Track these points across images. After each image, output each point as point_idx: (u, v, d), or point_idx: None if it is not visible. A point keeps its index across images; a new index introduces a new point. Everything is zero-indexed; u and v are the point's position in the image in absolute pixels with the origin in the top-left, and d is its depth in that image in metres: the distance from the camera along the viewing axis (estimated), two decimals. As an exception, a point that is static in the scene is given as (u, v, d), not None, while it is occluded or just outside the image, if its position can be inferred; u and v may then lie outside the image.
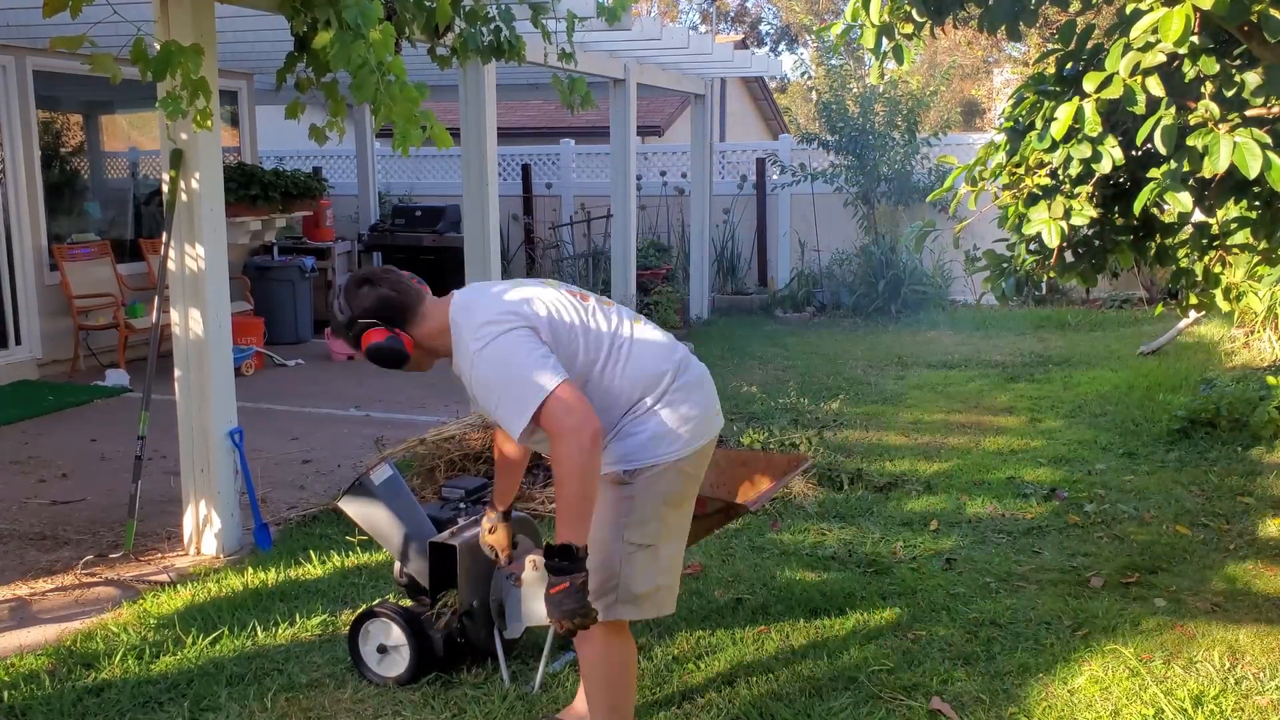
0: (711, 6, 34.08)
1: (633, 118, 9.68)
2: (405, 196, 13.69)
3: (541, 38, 5.23)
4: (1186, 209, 3.25)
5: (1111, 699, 3.43)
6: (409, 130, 3.80)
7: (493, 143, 6.70)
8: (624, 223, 9.68)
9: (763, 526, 5.00)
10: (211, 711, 3.40)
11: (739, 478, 3.84)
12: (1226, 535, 4.87)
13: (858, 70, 12.39)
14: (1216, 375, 7.47)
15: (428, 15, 4.37)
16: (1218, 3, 2.74)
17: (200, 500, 4.76)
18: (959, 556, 4.64)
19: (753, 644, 3.81)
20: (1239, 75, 3.23)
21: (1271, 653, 3.73)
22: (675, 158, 13.24)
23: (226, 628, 3.94)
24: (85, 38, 3.67)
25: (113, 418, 7.20)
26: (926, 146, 11.96)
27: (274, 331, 9.73)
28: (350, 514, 3.68)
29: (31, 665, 3.69)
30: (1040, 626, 3.94)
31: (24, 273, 8.40)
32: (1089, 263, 3.91)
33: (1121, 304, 11.90)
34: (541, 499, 5.18)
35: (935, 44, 22.33)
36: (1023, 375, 8.47)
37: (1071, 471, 5.88)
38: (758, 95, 21.13)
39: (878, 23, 3.72)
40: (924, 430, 6.83)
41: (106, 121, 9.84)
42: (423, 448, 5.55)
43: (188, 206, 4.59)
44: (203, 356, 4.66)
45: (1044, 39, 17.58)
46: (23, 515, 5.29)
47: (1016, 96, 3.85)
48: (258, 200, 9.79)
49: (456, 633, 3.53)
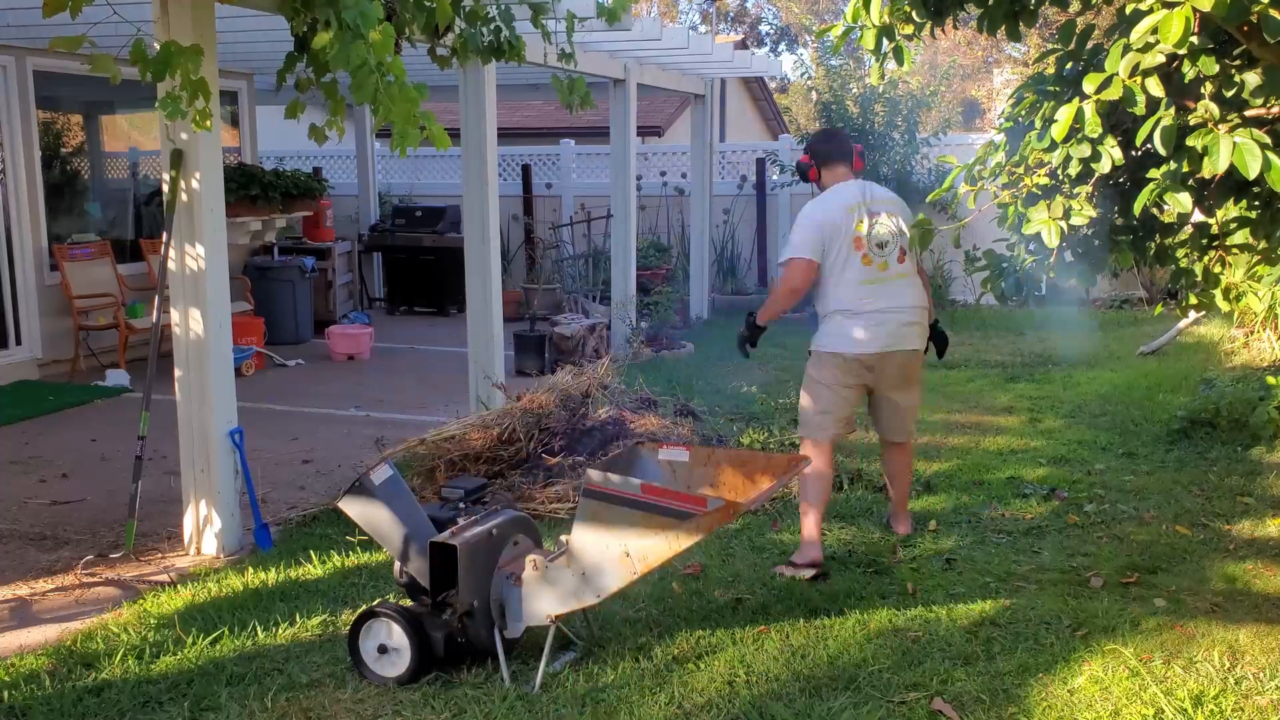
0: (711, 7, 34.07)
1: (633, 118, 9.67)
2: (405, 197, 13.69)
3: (541, 38, 5.23)
4: (1186, 209, 3.24)
5: (1111, 699, 3.43)
6: (408, 131, 3.80)
7: (493, 143, 6.70)
8: (624, 223, 9.68)
9: (763, 526, 5.01)
10: (212, 711, 3.40)
11: (739, 478, 3.84)
12: (1226, 535, 4.88)
13: (858, 71, 12.38)
14: (1216, 375, 7.47)
15: (428, 15, 4.37)
16: (1218, 3, 2.73)
17: (200, 500, 4.76)
18: (959, 556, 4.64)
19: (753, 644, 3.82)
20: (1239, 75, 3.23)
21: (1271, 653, 3.73)
22: (675, 158, 13.24)
23: (227, 628, 3.94)
24: (85, 38, 3.67)
25: (113, 418, 7.20)
26: (926, 147, 11.96)
27: (274, 332, 9.74)
28: (350, 514, 3.68)
29: (32, 665, 3.69)
30: (1040, 626, 3.94)
31: (24, 273, 8.41)
32: (1089, 263, 3.91)
33: (1121, 304, 11.91)
34: (542, 499, 5.18)
35: (935, 44, 22.35)
36: (1023, 375, 8.48)
37: (1071, 471, 5.88)
38: (758, 95, 21.13)
39: (878, 24, 3.72)
40: (924, 430, 6.82)
41: (107, 122, 9.84)
42: (423, 448, 5.55)
43: (188, 206, 4.60)
44: (203, 356, 4.67)
45: (1044, 39, 17.58)
46: (23, 515, 5.29)
47: (1016, 96, 3.84)
48: (258, 200, 9.80)
49: (457, 632, 3.53)
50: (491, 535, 3.58)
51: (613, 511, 3.38)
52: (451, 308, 11.55)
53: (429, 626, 3.53)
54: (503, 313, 6.93)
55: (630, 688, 3.49)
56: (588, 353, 8.92)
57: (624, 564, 3.40)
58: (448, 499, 3.81)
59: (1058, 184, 3.53)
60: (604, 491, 3.39)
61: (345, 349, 9.40)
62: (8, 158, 8.21)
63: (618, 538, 3.39)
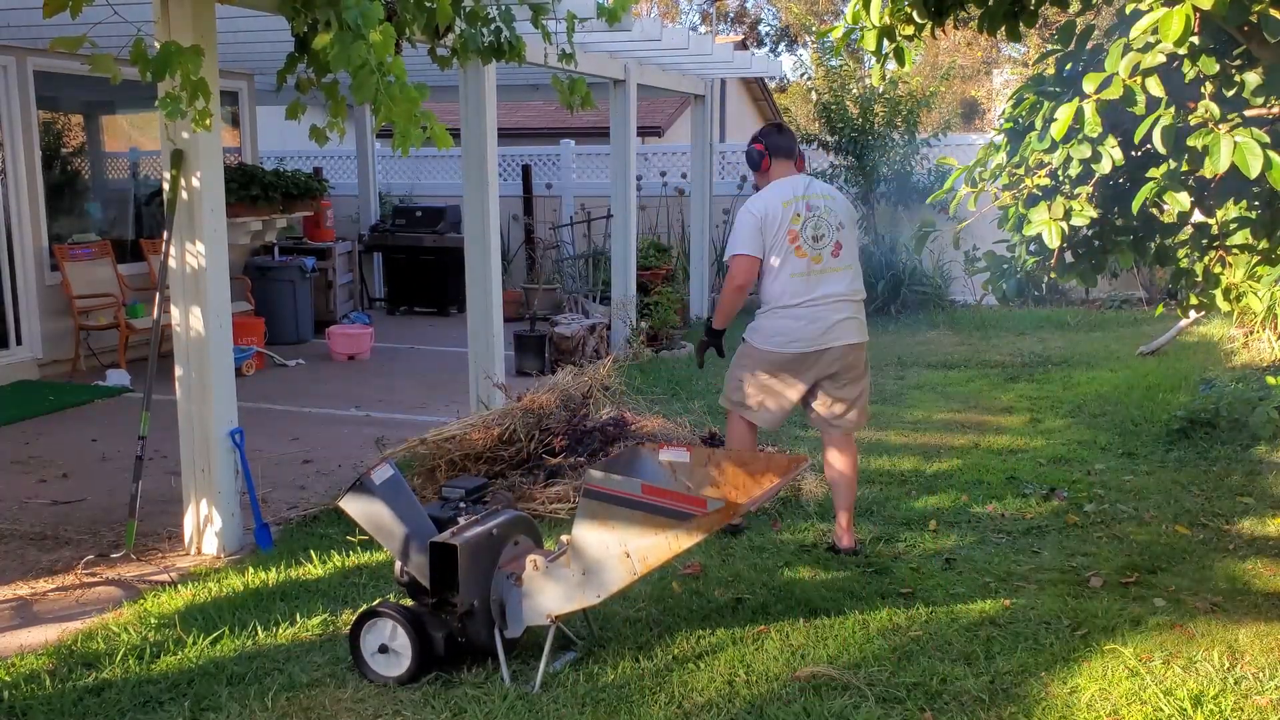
0: (711, 7, 34.08)
1: (633, 118, 9.68)
2: (405, 197, 13.69)
3: (542, 38, 5.23)
4: (1186, 209, 3.25)
5: (1111, 699, 3.43)
6: (409, 130, 3.80)
7: (493, 143, 6.70)
8: (624, 223, 9.68)
9: (763, 526, 5.01)
10: (212, 711, 3.40)
11: (739, 478, 3.84)
12: (1226, 535, 4.88)
13: (858, 71, 12.39)
14: (1216, 375, 7.47)
15: (428, 16, 4.37)
16: (1218, 3, 2.74)
17: (201, 500, 4.77)
18: (959, 556, 4.64)
19: (753, 644, 3.82)
20: (1239, 75, 3.24)
21: (1271, 652, 3.73)
22: (675, 158, 13.24)
23: (227, 627, 3.94)
24: (85, 38, 3.67)
25: (113, 418, 7.20)
26: (926, 147, 11.95)
27: (274, 332, 9.74)
28: (351, 513, 3.68)
29: (32, 665, 3.69)
30: (1040, 626, 3.94)
31: (25, 273, 8.41)
32: (1089, 263, 3.92)
33: (1121, 304, 11.91)
34: (541, 499, 5.19)
35: (936, 45, 22.35)
36: (1023, 375, 8.48)
37: (1071, 471, 5.88)
38: (758, 96, 21.13)
39: (878, 24, 3.72)
40: (924, 430, 6.83)
41: (107, 122, 9.84)
42: (423, 448, 5.55)
43: (188, 206, 4.60)
44: (203, 356, 4.67)
45: (1044, 39, 17.58)
46: (23, 515, 5.29)
47: (1016, 97, 3.85)
48: (258, 200, 9.80)
49: (457, 632, 3.53)
50: (492, 535, 3.59)
51: (613, 512, 3.38)
52: (452, 308, 11.55)
53: (430, 626, 3.53)
54: (503, 313, 6.93)
55: (630, 688, 3.49)
56: (588, 353, 8.92)
57: (624, 564, 3.40)
58: (448, 498, 3.81)
59: (1058, 184, 3.54)
60: (604, 492, 3.39)
61: (345, 349, 9.40)
62: (8, 158, 8.21)
63: (618, 538, 3.39)
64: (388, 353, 9.66)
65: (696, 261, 11.69)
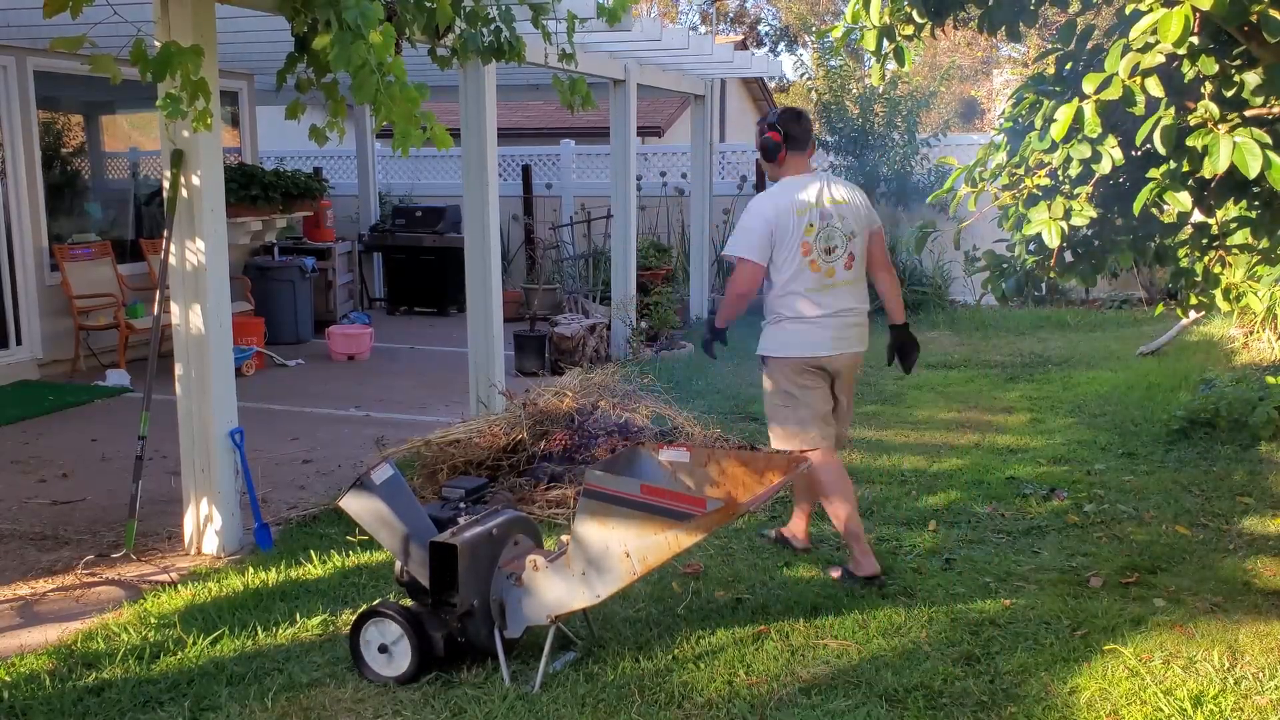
0: (711, 7, 34.08)
1: (633, 118, 9.67)
2: (405, 197, 13.69)
3: (542, 38, 5.23)
4: (1186, 209, 3.25)
5: (1111, 699, 3.43)
6: (409, 131, 3.80)
7: (493, 143, 6.70)
8: (624, 223, 9.68)
9: (763, 526, 5.00)
10: (212, 711, 3.40)
11: (739, 477, 3.84)
12: (1226, 535, 4.88)
13: (857, 70, 12.39)
14: (1216, 375, 7.47)
15: (428, 16, 4.37)
16: (1217, 3, 2.74)
17: (201, 500, 4.77)
18: (959, 556, 4.64)
19: (753, 644, 3.82)
20: (1239, 75, 3.23)
21: (1271, 652, 3.73)
22: (675, 158, 13.24)
23: (227, 627, 3.94)
24: (85, 38, 3.66)
25: (113, 418, 7.20)
26: (926, 147, 11.95)
27: (274, 332, 9.74)
28: (351, 513, 3.68)
29: (32, 665, 3.69)
30: (1040, 626, 3.94)
31: (25, 273, 8.41)
32: (1089, 263, 3.91)
33: (1121, 304, 11.91)
34: (541, 500, 5.18)
35: (936, 45, 22.34)
36: (1022, 375, 8.48)
37: (1071, 471, 5.88)
38: (758, 96, 21.14)
39: (878, 24, 3.73)
40: (924, 430, 6.83)
41: (107, 122, 9.84)
42: (426, 450, 5.54)
43: (188, 206, 4.60)
44: (203, 356, 4.67)
45: (1044, 39, 17.58)
46: (23, 515, 5.29)
47: (1016, 97, 3.85)
48: (258, 200, 9.80)
49: (457, 632, 3.53)
50: (492, 535, 3.59)
51: (612, 511, 3.38)
52: (452, 308, 11.55)
53: (429, 626, 3.53)
54: (503, 313, 6.93)
55: (630, 688, 3.49)
56: (588, 353, 8.92)
57: (624, 564, 3.40)
58: (448, 498, 3.82)
59: (1058, 184, 3.54)
60: (604, 491, 3.39)
61: (345, 349, 9.40)
62: (8, 158, 8.21)
63: (618, 538, 3.39)
64: (388, 353, 9.66)
65: (696, 262, 11.69)
